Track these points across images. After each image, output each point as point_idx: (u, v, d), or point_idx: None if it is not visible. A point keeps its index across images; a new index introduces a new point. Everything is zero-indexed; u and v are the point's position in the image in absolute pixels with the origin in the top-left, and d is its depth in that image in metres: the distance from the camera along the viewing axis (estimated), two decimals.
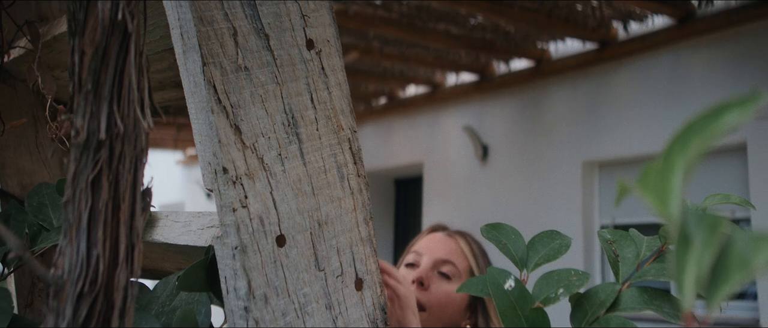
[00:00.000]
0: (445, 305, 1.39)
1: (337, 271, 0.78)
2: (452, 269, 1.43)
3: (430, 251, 1.45)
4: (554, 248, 0.76)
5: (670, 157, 0.32)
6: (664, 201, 0.31)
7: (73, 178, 0.51)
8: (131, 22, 0.51)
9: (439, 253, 1.44)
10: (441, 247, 1.46)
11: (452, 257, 1.44)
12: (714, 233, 0.27)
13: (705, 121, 0.30)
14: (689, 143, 0.31)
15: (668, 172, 0.31)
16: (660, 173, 0.31)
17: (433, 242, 1.48)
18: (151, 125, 0.53)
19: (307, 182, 0.76)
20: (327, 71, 0.79)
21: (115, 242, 0.51)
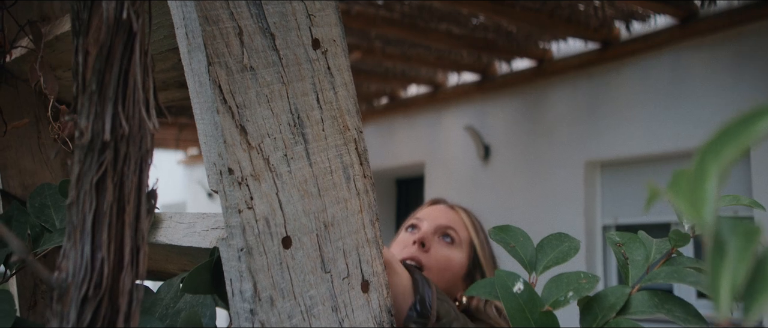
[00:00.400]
0: (444, 268, 1.37)
1: (344, 273, 0.77)
2: (454, 234, 1.41)
3: (431, 218, 1.44)
4: (563, 251, 0.75)
5: (704, 163, 0.31)
6: (698, 208, 0.30)
7: (77, 180, 0.50)
8: (136, 22, 0.50)
9: (440, 220, 1.43)
10: (443, 215, 1.45)
11: (454, 224, 1.43)
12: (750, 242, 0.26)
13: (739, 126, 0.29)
14: (723, 149, 0.30)
15: (702, 178, 0.30)
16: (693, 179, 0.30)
17: (435, 211, 1.47)
18: (157, 126, 0.53)
19: (313, 183, 0.75)
20: (333, 71, 0.78)
21: (120, 244, 0.50)
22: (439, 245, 1.39)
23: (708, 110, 3.98)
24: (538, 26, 4.12)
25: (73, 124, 0.97)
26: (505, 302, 0.68)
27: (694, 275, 0.71)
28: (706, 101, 4.00)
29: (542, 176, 4.81)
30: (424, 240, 1.37)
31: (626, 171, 4.53)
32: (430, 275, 1.34)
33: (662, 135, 4.17)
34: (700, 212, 0.32)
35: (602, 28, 4.24)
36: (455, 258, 1.39)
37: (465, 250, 1.42)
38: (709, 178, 0.31)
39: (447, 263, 1.37)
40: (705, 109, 3.99)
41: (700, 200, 0.32)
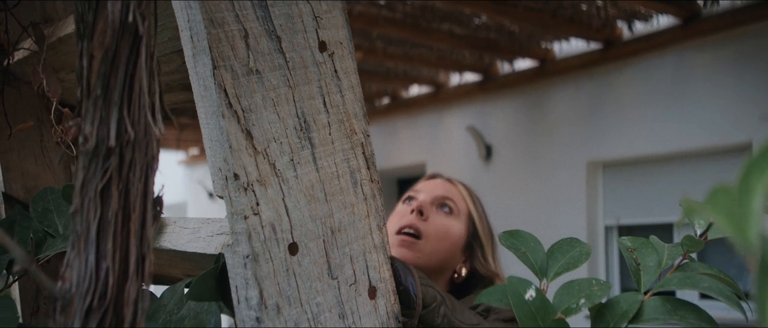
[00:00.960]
0: (442, 237, 1.34)
1: (351, 279, 0.76)
2: (452, 205, 1.39)
3: (429, 190, 1.41)
4: (574, 257, 0.74)
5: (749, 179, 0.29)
6: (742, 228, 0.29)
7: (82, 187, 0.49)
8: (142, 24, 0.49)
9: (438, 191, 1.41)
10: (440, 187, 1.43)
11: (452, 196, 1.41)
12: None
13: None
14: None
15: (747, 196, 0.29)
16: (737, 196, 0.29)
17: (432, 183, 1.45)
18: (163, 131, 0.51)
19: (319, 188, 0.74)
20: (340, 74, 0.77)
21: (126, 253, 0.49)
22: (438, 215, 1.36)
23: (710, 110, 3.97)
24: (540, 26, 4.11)
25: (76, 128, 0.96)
26: (516, 309, 0.66)
27: (707, 281, 0.69)
28: (708, 101, 3.99)
29: (544, 176, 4.80)
30: (422, 208, 1.34)
31: (628, 171, 4.52)
32: (429, 244, 1.31)
33: (664, 135, 4.16)
34: (745, 232, 0.30)
35: (605, 28, 4.23)
36: (454, 228, 1.36)
37: (463, 221, 1.39)
38: (755, 195, 0.30)
39: (446, 231, 1.35)
40: (707, 110, 3.98)
41: (745, 219, 0.30)
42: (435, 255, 1.33)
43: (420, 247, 1.31)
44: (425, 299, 0.93)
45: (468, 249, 1.39)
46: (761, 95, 3.76)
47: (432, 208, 1.37)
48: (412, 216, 1.33)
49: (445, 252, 1.34)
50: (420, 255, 1.31)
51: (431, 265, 1.32)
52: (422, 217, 1.34)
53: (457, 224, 1.37)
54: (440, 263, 1.34)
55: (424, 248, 1.31)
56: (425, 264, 1.31)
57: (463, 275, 1.36)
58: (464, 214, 1.40)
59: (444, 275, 1.37)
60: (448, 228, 1.35)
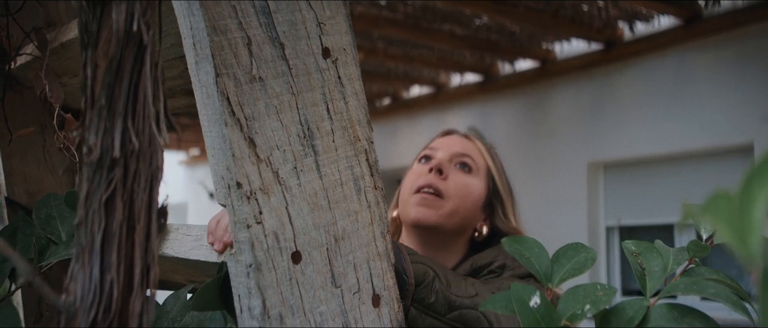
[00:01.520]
0: (464, 195, 1.28)
1: (354, 287, 0.76)
2: (471, 162, 1.33)
3: (446, 147, 1.36)
4: (579, 262, 0.73)
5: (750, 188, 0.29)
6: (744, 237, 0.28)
7: (86, 198, 0.49)
8: (147, 33, 0.49)
9: (456, 148, 1.35)
10: (458, 143, 1.37)
11: (470, 152, 1.35)
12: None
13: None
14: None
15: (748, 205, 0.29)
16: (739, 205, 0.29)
17: (449, 140, 1.39)
18: (167, 141, 0.51)
19: (323, 196, 0.74)
20: (343, 80, 0.76)
21: (130, 265, 0.49)
22: (457, 173, 1.31)
23: (711, 111, 3.96)
24: (541, 27, 4.10)
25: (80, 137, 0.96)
26: (521, 316, 0.66)
27: (713, 286, 0.69)
28: (709, 102, 3.98)
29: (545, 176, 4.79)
30: (441, 167, 1.28)
31: (629, 172, 4.51)
32: (450, 203, 1.26)
33: (666, 136, 4.16)
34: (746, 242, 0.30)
35: (606, 29, 4.22)
36: (474, 186, 1.31)
37: (483, 178, 1.34)
38: (757, 205, 0.30)
39: (467, 190, 1.29)
40: (708, 110, 3.98)
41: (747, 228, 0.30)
42: (456, 214, 1.27)
43: (442, 205, 1.26)
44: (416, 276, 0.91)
45: (488, 207, 1.34)
46: (763, 96, 3.76)
47: (450, 166, 1.31)
48: (431, 175, 1.28)
49: (466, 211, 1.29)
50: (442, 214, 1.25)
51: (452, 225, 1.28)
52: (441, 176, 1.28)
53: (476, 181, 1.32)
54: (461, 222, 1.29)
55: (446, 207, 1.26)
56: (446, 224, 1.27)
57: (484, 234, 1.32)
58: (483, 170, 1.35)
59: (465, 234, 1.32)
60: (469, 187, 1.30)
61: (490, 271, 1.20)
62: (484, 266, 1.22)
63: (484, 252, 1.25)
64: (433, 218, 1.25)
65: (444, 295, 0.93)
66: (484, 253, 1.25)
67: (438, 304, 0.92)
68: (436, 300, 0.91)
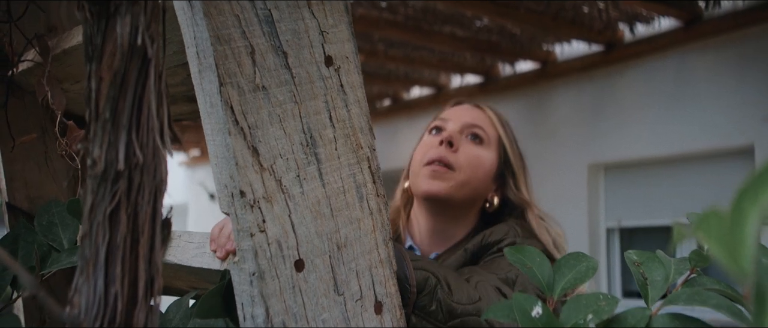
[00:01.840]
0: (476, 167, 1.28)
1: (357, 295, 0.76)
2: (482, 133, 1.32)
3: (456, 117, 1.35)
4: (581, 272, 0.74)
5: (741, 206, 0.29)
6: (736, 256, 0.29)
7: (90, 211, 0.49)
8: (151, 46, 0.49)
9: (466, 118, 1.34)
10: (468, 113, 1.36)
11: (481, 122, 1.34)
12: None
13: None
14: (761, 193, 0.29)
15: (740, 223, 0.29)
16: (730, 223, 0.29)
17: (460, 110, 1.38)
18: (172, 153, 0.51)
19: (326, 204, 0.74)
20: (346, 88, 0.76)
21: (135, 278, 0.49)
22: (468, 145, 1.30)
23: (712, 113, 3.96)
24: (541, 28, 4.10)
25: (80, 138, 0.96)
26: (523, 326, 0.66)
27: (715, 297, 0.69)
28: (710, 104, 3.98)
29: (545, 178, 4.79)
30: (452, 139, 1.28)
31: (630, 174, 4.51)
32: (461, 175, 1.26)
33: (666, 137, 4.16)
34: (738, 261, 0.30)
35: (606, 31, 4.23)
36: (485, 157, 1.31)
37: (494, 148, 1.34)
38: (748, 222, 0.30)
39: (477, 161, 1.29)
40: (709, 112, 3.98)
41: (739, 246, 0.30)
42: (467, 186, 1.27)
43: (452, 177, 1.26)
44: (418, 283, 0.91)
45: (500, 178, 1.34)
46: (763, 98, 3.76)
47: (461, 137, 1.31)
48: (442, 148, 1.27)
49: (477, 182, 1.29)
50: (452, 185, 1.26)
51: (463, 196, 1.27)
52: (452, 148, 1.28)
53: (487, 153, 1.32)
54: (472, 193, 1.29)
55: (457, 179, 1.26)
56: (457, 195, 1.26)
57: (495, 205, 1.32)
58: (494, 140, 1.34)
59: (475, 205, 1.32)
60: (480, 158, 1.30)
61: (499, 249, 1.20)
62: (494, 243, 1.21)
63: (496, 228, 1.25)
64: (443, 190, 1.25)
65: (446, 303, 0.92)
66: (495, 229, 1.24)
67: (439, 312, 0.92)
68: (437, 308, 0.91)
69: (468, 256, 1.22)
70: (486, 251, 1.21)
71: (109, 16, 0.47)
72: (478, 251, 1.22)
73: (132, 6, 0.47)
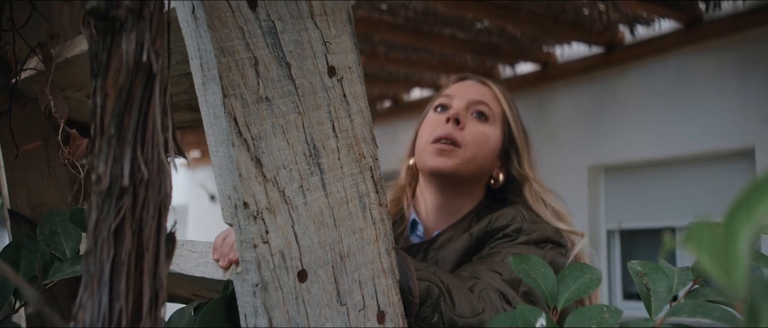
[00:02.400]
0: (482, 144, 1.30)
1: (359, 305, 0.76)
2: (487, 110, 1.34)
3: (462, 94, 1.36)
4: (585, 282, 0.74)
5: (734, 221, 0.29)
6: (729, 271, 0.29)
7: (95, 227, 0.49)
8: (156, 62, 0.49)
9: (472, 95, 1.35)
10: (473, 90, 1.37)
11: (486, 99, 1.35)
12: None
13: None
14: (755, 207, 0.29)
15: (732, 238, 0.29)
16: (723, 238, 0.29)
17: (465, 86, 1.39)
18: (177, 168, 0.51)
19: (328, 214, 0.74)
20: (349, 98, 0.76)
21: (139, 293, 0.49)
22: (474, 122, 1.32)
23: (712, 115, 3.96)
24: (542, 30, 4.10)
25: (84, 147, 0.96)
26: None
27: (718, 310, 0.69)
28: (710, 106, 3.98)
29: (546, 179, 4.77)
30: (458, 116, 1.29)
31: (630, 175, 4.51)
32: (467, 152, 1.28)
33: (667, 139, 4.16)
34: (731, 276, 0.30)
35: (606, 32, 4.22)
36: (491, 134, 1.32)
37: (499, 125, 1.35)
38: (741, 238, 0.30)
39: (483, 138, 1.31)
40: (709, 114, 3.98)
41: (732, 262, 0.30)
42: (473, 162, 1.29)
43: (459, 154, 1.27)
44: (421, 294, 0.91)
45: (504, 155, 1.36)
46: (764, 100, 3.76)
47: (467, 114, 1.32)
48: (449, 125, 1.29)
49: (483, 159, 1.31)
50: (459, 163, 1.27)
51: (469, 172, 1.30)
52: (458, 126, 1.29)
53: (492, 130, 1.33)
54: (477, 169, 1.31)
55: (463, 156, 1.28)
56: (463, 171, 1.29)
57: (500, 181, 1.34)
58: (499, 117, 1.36)
59: (481, 181, 1.34)
60: (485, 134, 1.31)
61: (505, 234, 1.21)
62: (500, 228, 1.22)
63: (503, 212, 1.26)
64: (450, 167, 1.27)
65: (448, 316, 0.91)
66: (502, 213, 1.25)
67: (440, 324, 0.91)
68: (439, 320, 0.90)
69: (473, 241, 1.23)
70: (491, 237, 1.22)
71: (115, 32, 0.47)
72: (483, 236, 1.23)
73: (137, 22, 0.47)
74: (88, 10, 0.46)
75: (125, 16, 0.46)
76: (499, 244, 1.19)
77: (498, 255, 1.15)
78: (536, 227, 1.22)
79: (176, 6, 0.66)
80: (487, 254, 1.18)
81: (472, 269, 1.12)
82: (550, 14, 3.89)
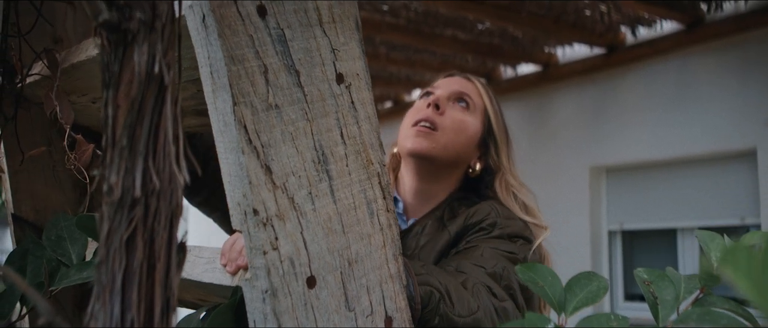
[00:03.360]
0: (458, 130, 1.35)
1: (367, 310, 0.76)
2: (469, 100, 1.40)
3: (446, 86, 1.42)
4: (592, 291, 0.74)
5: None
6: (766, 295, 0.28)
7: (107, 237, 0.49)
8: (167, 74, 0.49)
9: (455, 87, 1.42)
10: (457, 83, 1.44)
11: (469, 91, 1.42)
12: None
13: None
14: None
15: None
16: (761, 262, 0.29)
17: (450, 80, 1.46)
18: (188, 179, 0.51)
19: (337, 220, 0.74)
20: (356, 105, 0.76)
21: (151, 303, 0.49)
22: (454, 109, 1.37)
23: (714, 116, 3.96)
24: (543, 31, 4.10)
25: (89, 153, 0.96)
26: None
27: (726, 318, 0.69)
28: (712, 107, 3.98)
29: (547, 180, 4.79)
30: (438, 102, 1.35)
31: (632, 176, 4.51)
32: (445, 136, 1.33)
33: (668, 140, 4.16)
34: None
35: (608, 33, 4.22)
36: (470, 122, 1.37)
37: (479, 117, 1.40)
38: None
39: (462, 125, 1.36)
40: (711, 115, 3.98)
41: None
42: (451, 147, 1.34)
43: (436, 138, 1.32)
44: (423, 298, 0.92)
45: (483, 145, 1.40)
46: (765, 101, 3.76)
47: (448, 102, 1.38)
48: (429, 110, 1.34)
49: (461, 146, 1.35)
50: (436, 146, 1.32)
51: (447, 157, 1.34)
52: (438, 111, 1.34)
53: (472, 119, 1.38)
54: (456, 156, 1.35)
55: (440, 140, 1.32)
56: (441, 156, 1.33)
57: (477, 170, 1.39)
58: (480, 110, 1.41)
59: (458, 168, 1.39)
60: (464, 122, 1.36)
61: (480, 228, 1.25)
62: (476, 223, 1.26)
63: (479, 208, 1.30)
64: (426, 149, 1.32)
65: (448, 317, 0.94)
66: (478, 209, 1.30)
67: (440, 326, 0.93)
68: (439, 323, 0.92)
69: (452, 237, 1.27)
70: (468, 231, 1.27)
71: (127, 44, 0.47)
72: (461, 231, 1.27)
73: (149, 34, 0.47)
74: (101, 23, 0.46)
75: (137, 28, 0.46)
76: (476, 238, 1.24)
77: (477, 249, 1.20)
78: (509, 223, 1.27)
79: (186, 14, 0.67)
80: (465, 248, 1.23)
81: (457, 264, 1.16)
82: (551, 15, 3.89)
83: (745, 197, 3.90)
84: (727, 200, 3.98)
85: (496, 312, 1.05)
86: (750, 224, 3.90)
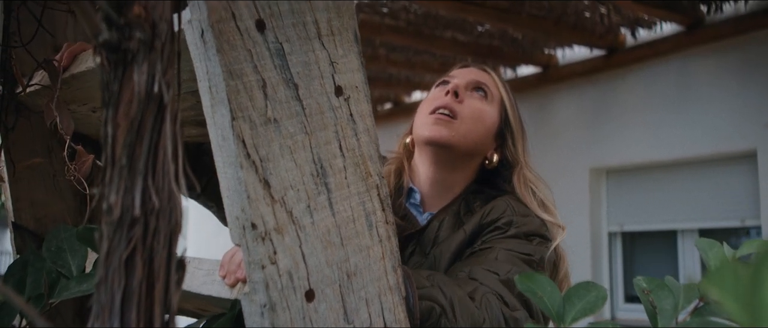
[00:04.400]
0: (477, 119, 1.32)
1: (366, 322, 0.76)
2: (487, 90, 1.38)
3: (463, 75, 1.40)
4: (591, 301, 0.74)
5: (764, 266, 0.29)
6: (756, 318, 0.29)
7: (106, 257, 0.49)
8: (167, 93, 0.49)
9: (473, 76, 1.39)
10: (475, 73, 1.41)
11: (487, 82, 1.39)
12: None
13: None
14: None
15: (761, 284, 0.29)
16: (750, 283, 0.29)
17: (467, 70, 1.43)
18: (187, 196, 0.51)
19: (336, 233, 0.74)
20: (355, 117, 0.77)
21: (150, 322, 0.49)
22: (472, 98, 1.35)
23: (714, 117, 3.96)
24: (543, 33, 4.10)
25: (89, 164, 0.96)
26: None
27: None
28: (712, 108, 3.98)
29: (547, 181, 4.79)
30: (457, 90, 1.32)
31: (632, 178, 4.51)
32: (464, 125, 1.30)
33: (668, 142, 4.16)
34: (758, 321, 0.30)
35: (608, 35, 4.23)
36: (488, 112, 1.35)
37: (497, 107, 1.38)
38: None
39: (481, 114, 1.33)
40: (711, 116, 3.98)
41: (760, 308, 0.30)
42: (469, 137, 1.31)
43: (455, 126, 1.30)
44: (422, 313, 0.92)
45: (500, 136, 1.38)
46: (765, 102, 3.76)
47: (467, 91, 1.35)
48: (448, 98, 1.31)
49: (479, 135, 1.33)
50: (455, 134, 1.29)
51: (465, 147, 1.31)
52: (457, 98, 1.32)
53: (490, 109, 1.36)
54: (474, 146, 1.33)
55: (460, 128, 1.30)
56: (459, 145, 1.30)
57: (494, 162, 1.36)
58: (497, 100, 1.39)
59: (475, 159, 1.36)
60: (483, 111, 1.34)
61: (496, 227, 1.23)
62: (491, 222, 1.24)
63: (495, 205, 1.28)
64: (445, 137, 1.29)
65: None
66: (494, 206, 1.27)
67: None
68: None
69: (468, 236, 1.25)
70: (483, 230, 1.25)
71: (127, 64, 0.47)
72: (476, 230, 1.25)
73: (149, 54, 0.47)
74: (101, 43, 0.46)
75: (137, 48, 0.46)
76: (491, 237, 1.22)
77: (492, 252, 1.17)
78: (526, 221, 1.25)
79: (185, 29, 0.67)
80: (480, 248, 1.20)
81: (470, 270, 1.13)
82: (551, 17, 3.89)
83: (745, 199, 3.90)
84: (728, 201, 3.98)
85: (505, 322, 1.03)
86: (750, 226, 3.90)
